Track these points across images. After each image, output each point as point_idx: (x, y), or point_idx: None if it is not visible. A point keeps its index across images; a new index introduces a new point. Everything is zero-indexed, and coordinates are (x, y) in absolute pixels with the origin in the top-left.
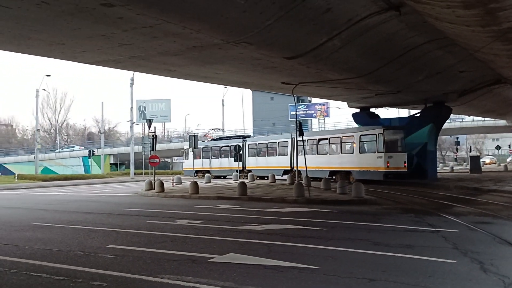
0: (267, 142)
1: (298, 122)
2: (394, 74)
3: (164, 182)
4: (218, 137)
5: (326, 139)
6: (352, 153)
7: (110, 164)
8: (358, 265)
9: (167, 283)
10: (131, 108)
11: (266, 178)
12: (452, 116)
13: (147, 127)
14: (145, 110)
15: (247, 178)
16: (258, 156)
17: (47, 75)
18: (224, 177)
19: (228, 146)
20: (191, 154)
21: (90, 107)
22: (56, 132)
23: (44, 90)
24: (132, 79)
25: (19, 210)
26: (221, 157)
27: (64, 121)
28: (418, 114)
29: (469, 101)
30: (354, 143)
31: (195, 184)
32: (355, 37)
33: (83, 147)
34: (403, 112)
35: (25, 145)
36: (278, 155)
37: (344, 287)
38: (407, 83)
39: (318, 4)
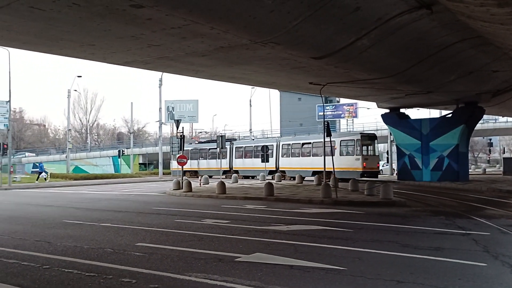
0: (253, 145)
1: (326, 123)
2: (425, 74)
3: (191, 182)
4: (205, 140)
5: (310, 143)
6: (334, 155)
7: (139, 163)
8: (385, 266)
9: (194, 281)
10: (160, 108)
11: (250, 178)
12: (485, 117)
13: (175, 128)
14: (173, 111)
15: (231, 179)
16: (244, 158)
17: (78, 76)
18: (210, 177)
19: (216, 148)
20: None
21: (120, 107)
22: (87, 132)
23: (75, 90)
24: (160, 80)
25: (52, 208)
26: (208, 158)
27: (95, 121)
28: (450, 115)
29: (503, 101)
30: (335, 147)
31: (222, 184)
32: (384, 36)
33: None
34: (434, 113)
35: (57, 145)
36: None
37: None
38: (439, 83)
39: (346, 3)
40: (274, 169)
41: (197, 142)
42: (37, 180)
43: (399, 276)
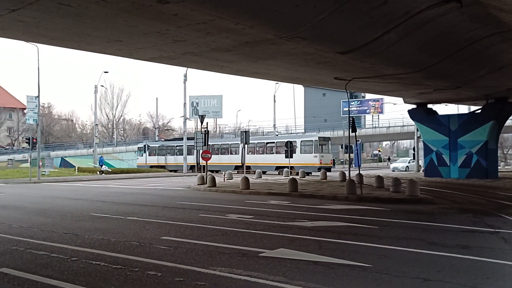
0: (220, 143)
1: (351, 119)
2: (454, 69)
3: (215, 177)
4: (171, 138)
5: (273, 143)
6: (295, 153)
7: None
8: (412, 264)
9: (219, 275)
10: (184, 104)
11: (217, 172)
12: None
13: (199, 123)
14: (197, 106)
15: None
16: (212, 154)
17: (105, 72)
18: (176, 171)
19: (182, 145)
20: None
21: (145, 102)
22: (113, 127)
23: (102, 86)
24: (185, 75)
25: (80, 201)
26: (176, 155)
27: (121, 116)
28: (479, 111)
29: None
30: (296, 146)
31: (246, 179)
32: (412, 30)
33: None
34: (463, 108)
35: (84, 139)
36: (230, 154)
37: (397, 286)
38: (468, 78)
39: None
40: (240, 164)
41: (163, 139)
42: (99, 172)
43: (425, 274)
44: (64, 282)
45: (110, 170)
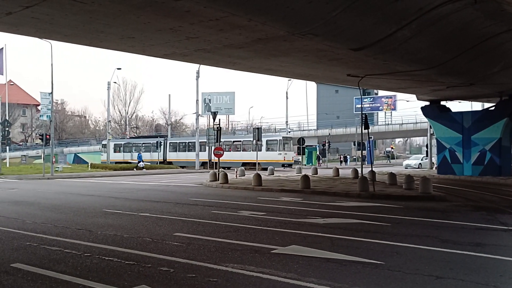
0: (187, 141)
1: (363, 116)
2: (467, 66)
3: (227, 174)
4: (137, 136)
5: (240, 141)
6: (260, 150)
7: None
8: (424, 262)
9: (231, 272)
10: (197, 100)
11: (183, 167)
12: None
13: (211, 119)
14: (210, 103)
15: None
16: (178, 151)
17: (118, 69)
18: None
19: (150, 143)
20: (111, 149)
21: (158, 99)
22: (126, 124)
23: (115, 83)
24: (197, 72)
25: (93, 197)
26: (143, 151)
27: (134, 113)
28: (493, 108)
29: None
30: (262, 144)
31: (258, 176)
32: (426, 26)
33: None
34: (476, 106)
35: (97, 136)
36: (201, 151)
37: (409, 283)
38: (481, 75)
39: None
40: (207, 160)
41: (128, 137)
42: (135, 168)
43: (438, 271)
44: (77, 278)
45: (143, 166)
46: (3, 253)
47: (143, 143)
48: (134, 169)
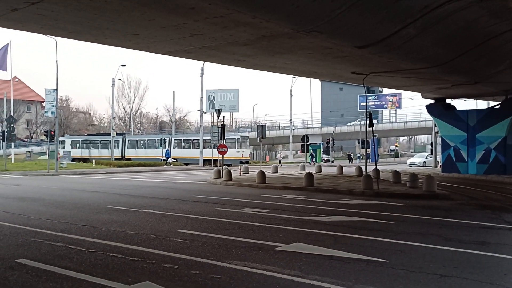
0: (146, 139)
1: (368, 113)
2: (473, 64)
3: (231, 171)
4: (94, 133)
5: (198, 139)
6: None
7: None
8: (428, 260)
9: (235, 269)
10: (201, 97)
11: (139, 165)
12: None
13: (216, 117)
14: (214, 100)
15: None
16: (137, 148)
17: (122, 65)
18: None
19: (108, 140)
20: (68, 145)
21: (162, 96)
22: (130, 120)
23: (120, 79)
24: (202, 69)
25: (97, 194)
26: (101, 148)
27: (138, 109)
28: (498, 106)
29: None
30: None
31: (262, 173)
32: (431, 25)
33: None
34: (482, 104)
35: (102, 132)
36: (155, 148)
37: (413, 281)
38: (487, 74)
39: None
40: (165, 158)
41: (85, 134)
42: (165, 165)
43: (442, 269)
44: (81, 274)
45: (172, 164)
46: (8, 249)
47: (100, 140)
48: (165, 165)
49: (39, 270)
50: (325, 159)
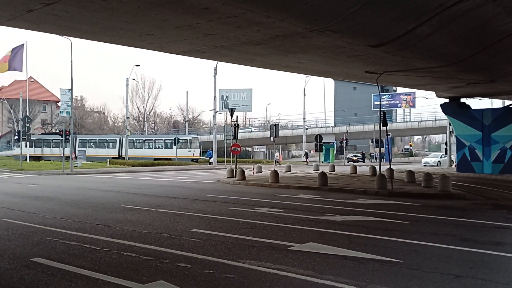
0: (97, 138)
1: (382, 112)
2: (488, 62)
3: (245, 170)
4: (48, 132)
5: (152, 140)
6: (172, 148)
7: None
8: (443, 260)
9: (248, 268)
10: (214, 97)
11: (91, 161)
12: None
13: (229, 116)
14: (227, 99)
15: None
16: (88, 147)
17: (136, 65)
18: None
19: (59, 139)
20: (23, 143)
21: (176, 96)
22: (144, 120)
23: (134, 79)
24: (215, 69)
25: (111, 193)
26: (53, 147)
27: (152, 109)
28: None
29: None
30: (174, 143)
31: (275, 173)
32: (446, 23)
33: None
34: (497, 103)
35: (116, 132)
36: (107, 148)
37: (428, 282)
38: (503, 72)
39: None
40: (117, 156)
41: (40, 133)
42: (209, 163)
43: (457, 270)
44: (96, 273)
45: (214, 164)
46: (24, 248)
47: (53, 139)
48: (208, 163)
49: (54, 269)
50: (355, 158)
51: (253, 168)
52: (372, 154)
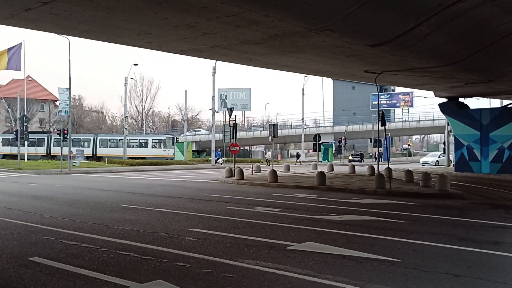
0: (72, 137)
1: (380, 112)
2: (487, 62)
3: (243, 170)
4: (31, 131)
5: (128, 139)
6: (147, 147)
7: (192, 151)
8: (441, 259)
9: (247, 267)
10: (213, 96)
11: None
12: None
13: (227, 116)
14: (226, 99)
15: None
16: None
17: (135, 65)
18: (29, 159)
19: (35, 138)
20: None
21: (174, 95)
22: (142, 119)
23: (132, 79)
24: (214, 68)
25: (110, 192)
26: (29, 146)
27: (150, 108)
28: (511, 105)
29: None
30: (148, 143)
31: (274, 172)
32: (445, 23)
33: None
34: (495, 103)
35: (114, 131)
36: (82, 146)
37: (426, 281)
38: (501, 72)
39: None
40: (92, 155)
41: (11, 132)
42: (215, 163)
43: (455, 269)
44: (94, 272)
45: (223, 164)
46: (22, 247)
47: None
48: (215, 163)
49: (52, 269)
50: (350, 158)
51: (252, 168)
52: (370, 154)
